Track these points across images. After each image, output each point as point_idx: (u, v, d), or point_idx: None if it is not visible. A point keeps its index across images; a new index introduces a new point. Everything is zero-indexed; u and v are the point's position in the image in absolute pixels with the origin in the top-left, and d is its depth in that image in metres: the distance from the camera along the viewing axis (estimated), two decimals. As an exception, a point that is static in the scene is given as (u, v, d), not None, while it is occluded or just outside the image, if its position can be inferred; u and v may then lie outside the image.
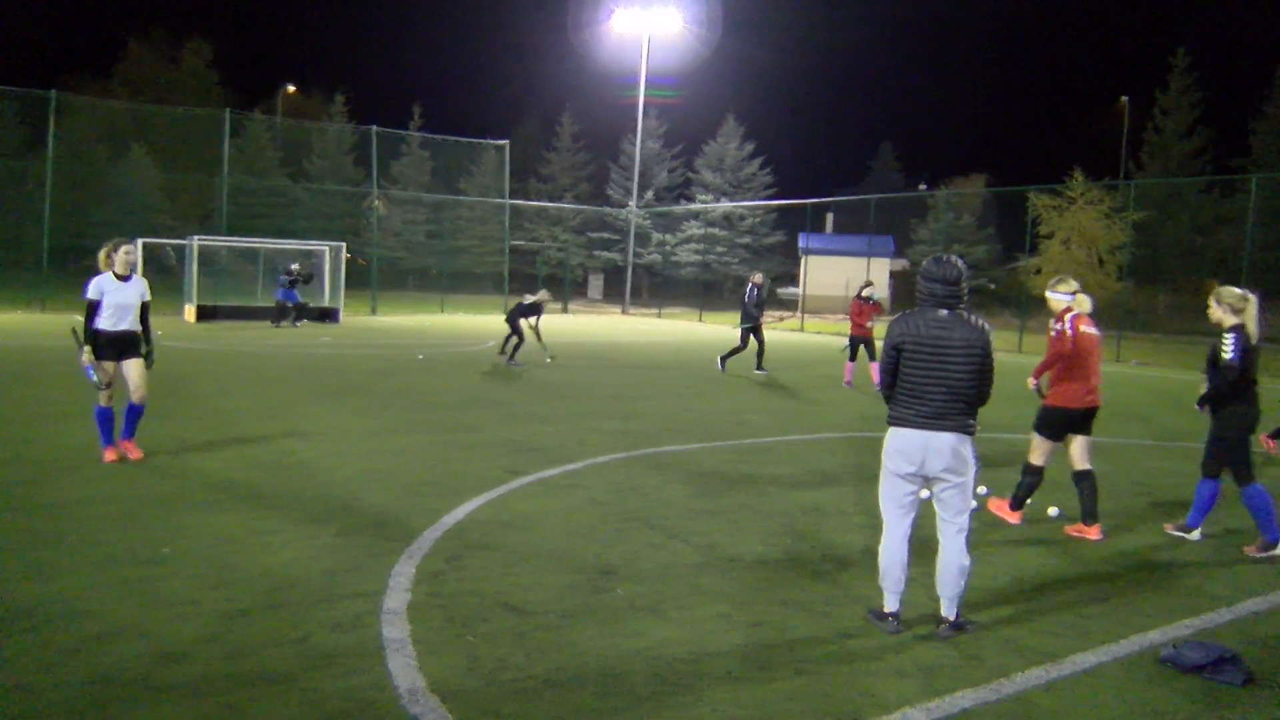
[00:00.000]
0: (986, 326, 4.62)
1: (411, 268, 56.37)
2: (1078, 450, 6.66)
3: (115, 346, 7.63)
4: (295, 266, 24.99)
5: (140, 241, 28.75)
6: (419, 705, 3.69)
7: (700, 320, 36.71)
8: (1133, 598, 5.29)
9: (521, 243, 47.94)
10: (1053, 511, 6.99)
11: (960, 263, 4.65)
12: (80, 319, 7.74)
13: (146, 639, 4.18)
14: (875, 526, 5.86)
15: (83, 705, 3.57)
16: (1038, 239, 35.27)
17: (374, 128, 35.71)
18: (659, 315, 39.96)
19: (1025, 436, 7.25)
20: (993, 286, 47.26)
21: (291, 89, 67.89)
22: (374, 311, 32.69)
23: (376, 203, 39.79)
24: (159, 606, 4.57)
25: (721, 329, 31.74)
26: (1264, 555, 6.15)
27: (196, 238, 27.48)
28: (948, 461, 4.54)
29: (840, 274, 43.03)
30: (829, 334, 30.52)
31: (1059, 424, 6.64)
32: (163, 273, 32.29)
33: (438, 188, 53.40)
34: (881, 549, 4.71)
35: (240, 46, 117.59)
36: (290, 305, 24.45)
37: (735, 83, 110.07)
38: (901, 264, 52.44)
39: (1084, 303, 6.72)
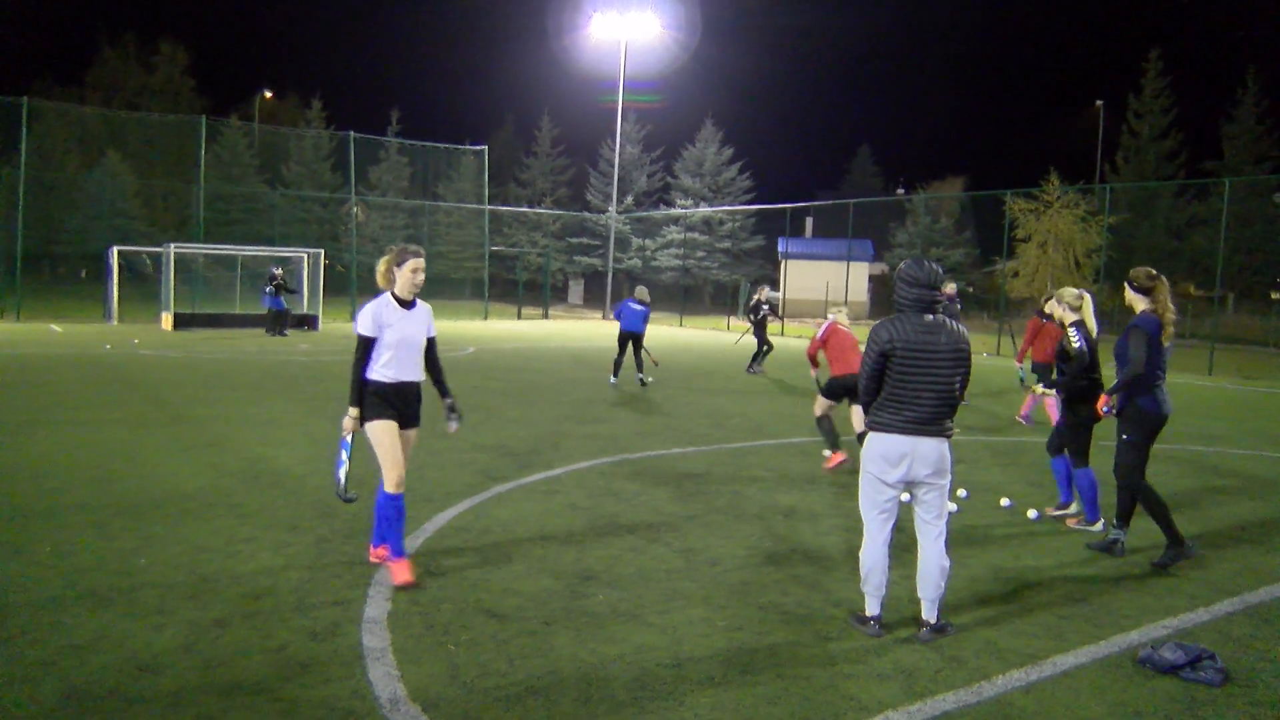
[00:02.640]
0: (965, 329, 4.64)
1: (390, 274, 56.08)
2: (856, 415, 8.84)
3: (395, 405, 5.18)
4: (278, 270, 24.80)
5: (116, 249, 28.61)
6: (400, 714, 3.65)
7: (680, 325, 36.72)
8: (1111, 599, 5.31)
9: (501, 248, 47.84)
10: (1004, 502, 7.38)
11: (936, 266, 4.67)
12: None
13: (120, 650, 4.12)
14: (854, 530, 5.87)
15: (56, 719, 3.52)
16: (1014, 242, 35.52)
17: (352, 133, 35.55)
18: (639, 320, 39.87)
19: (1000, 438, 7.28)
20: (971, 289, 47.54)
21: (268, 94, 67.56)
22: (353, 318, 32.52)
23: (355, 209, 39.61)
24: (132, 617, 4.51)
25: (701, 333, 31.77)
26: (1079, 526, 6.81)
27: (173, 245, 27.24)
28: (933, 466, 4.55)
29: (820, 278, 43.18)
30: (809, 338, 30.56)
31: (838, 390, 9.02)
32: (138, 280, 32.03)
33: (416, 193, 53.30)
34: (862, 553, 4.71)
35: (216, 51, 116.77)
36: (279, 313, 24.31)
37: (713, 87, 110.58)
38: (880, 268, 52.71)
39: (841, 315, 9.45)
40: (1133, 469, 6.07)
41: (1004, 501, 7.42)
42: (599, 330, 30.99)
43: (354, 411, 5.14)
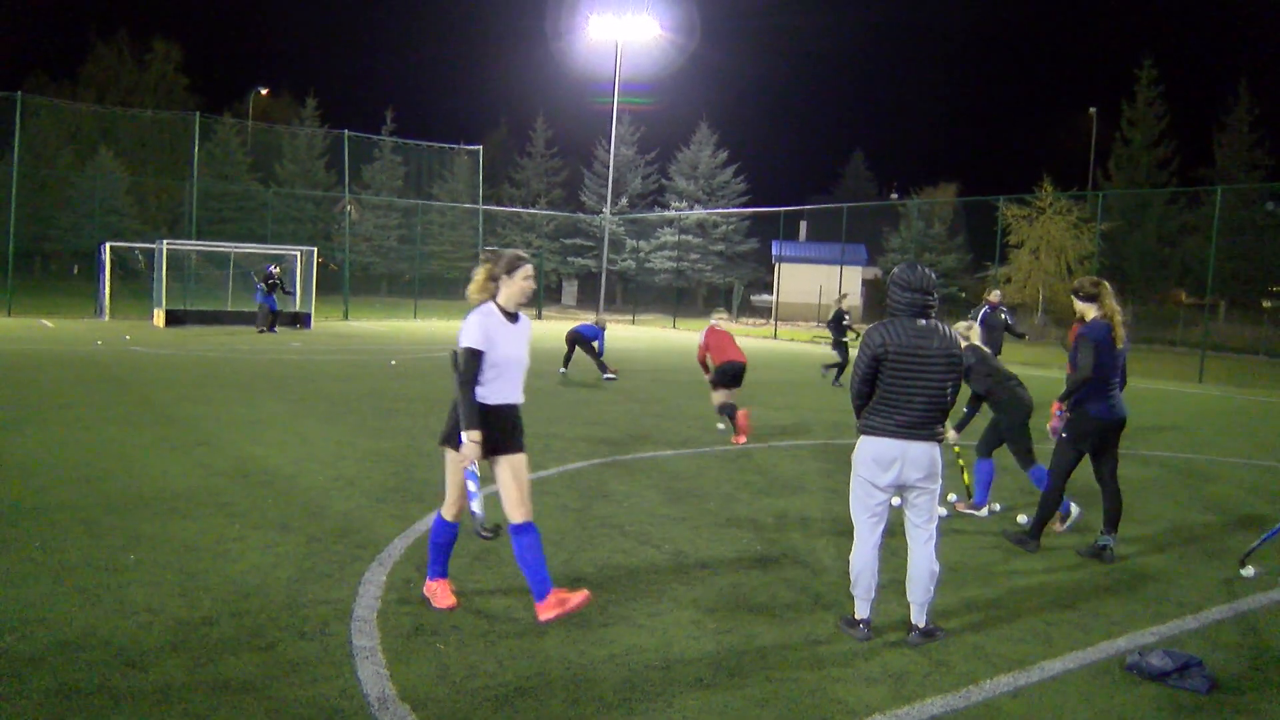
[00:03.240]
0: (957, 334, 4.66)
1: (384, 273, 56.10)
2: (716, 396, 10.37)
3: (494, 427, 4.62)
4: (275, 269, 24.73)
5: (108, 245, 28.51)
6: (389, 713, 3.65)
7: (674, 326, 36.74)
8: (1099, 605, 5.33)
9: (495, 248, 47.66)
10: (951, 498, 7.51)
11: (929, 271, 4.69)
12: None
13: (108, 647, 4.11)
14: (844, 534, 5.89)
15: (44, 715, 3.50)
16: (1007, 248, 35.62)
17: (346, 132, 35.49)
18: (633, 321, 39.98)
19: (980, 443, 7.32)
20: (963, 295, 47.67)
21: (263, 92, 67.42)
22: (346, 317, 32.46)
23: (349, 207, 39.55)
24: (120, 615, 4.49)
25: (694, 336, 31.77)
26: (967, 511, 7.34)
27: (165, 241, 27.16)
28: (925, 470, 4.57)
29: (813, 281, 43.25)
30: (802, 341, 30.65)
31: (724, 378, 10.25)
32: (130, 276, 31.94)
33: (410, 193, 53.21)
34: (853, 557, 4.72)
35: (210, 49, 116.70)
36: (271, 311, 24.25)
37: (709, 90, 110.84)
38: (874, 272, 52.83)
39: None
40: (1061, 470, 6.27)
41: (951, 497, 7.50)
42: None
43: (475, 435, 4.46)
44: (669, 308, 43.12)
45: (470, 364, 4.51)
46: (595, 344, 16.35)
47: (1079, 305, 6.24)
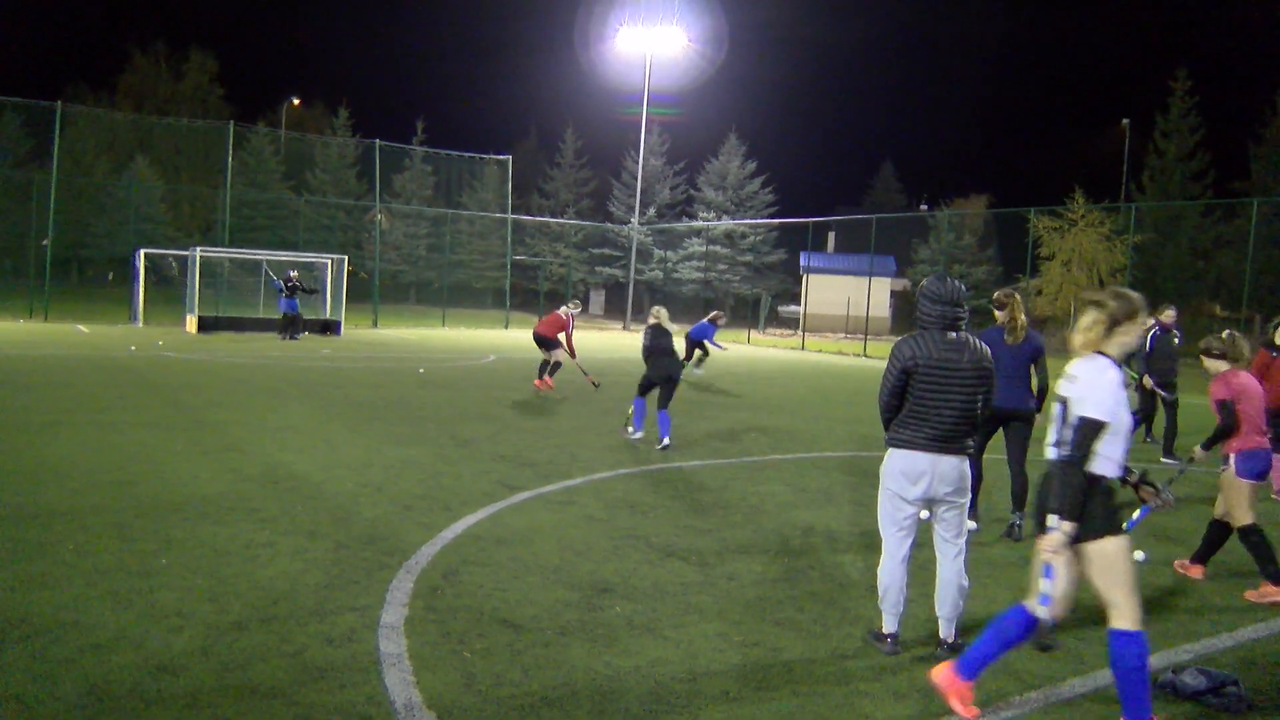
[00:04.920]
0: (987, 347, 4.63)
1: (412, 281, 56.49)
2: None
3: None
4: (294, 273, 24.93)
5: (143, 252, 28.92)
6: (412, 722, 3.66)
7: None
8: (1132, 621, 5.25)
9: (523, 258, 48.03)
10: (972, 526, 7.19)
11: (959, 283, 4.66)
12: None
13: (139, 651, 4.15)
14: (872, 547, 5.84)
15: (76, 717, 3.54)
16: (1038, 260, 35.31)
17: (377, 141, 35.82)
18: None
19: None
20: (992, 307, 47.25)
21: (295, 102, 68.19)
22: (375, 324, 32.71)
23: (379, 216, 39.88)
24: (151, 618, 4.54)
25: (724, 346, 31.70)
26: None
27: (198, 249, 27.51)
28: (954, 484, 4.53)
29: (842, 293, 43.08)
30: (830, 353, 30.51)
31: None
32: (164, 283, 32.36)
33: (439, 202, 53.55)
34: (880, 570, 4.69)
35: (244, 59, 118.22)
36: (293, 316, 24.41)
37: (737, 101, 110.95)
38: (903, 283, 52.53)
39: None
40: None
41: (971, 525, 7.35)
42: (619, 341, 31.02)
43: (1068, 527, 3.66)
44: (696, 318, 43.01)
45: (1089, 436, 3.65)
46: (705, 343, 19.06)
47: (997, 314, 7.23)
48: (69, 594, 4.82)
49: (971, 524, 5.13)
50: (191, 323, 25.59)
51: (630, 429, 10.67)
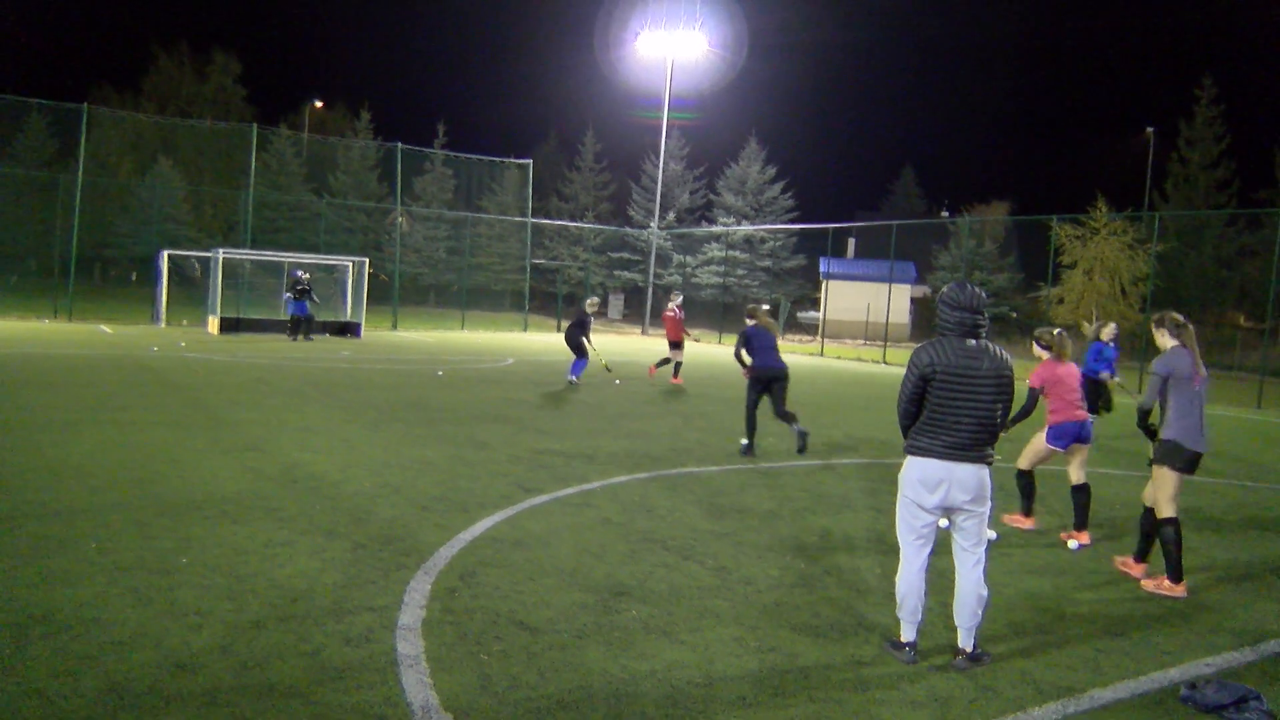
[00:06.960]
0: (1007, 355, 4.60)
1: (432, 284, 56.73)
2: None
3: None
4: (304, 275, 25.01)
5: (166, 253, 29.17)
6: (428, 723, 3.66)
7: (720, 342, 36.63)
8: (1151, 634, 5.21)
9: (542, 261, 48.14)
10: (991, 535, 7.07)
11: (979, 290, 4.64)
12: None
13: (158, 648, 4.18)
14: (889, 553, 5.82)
15: (96, 714, 3.57)
16: (1060, 268, 35.08)
17: (398, 144, 35.99)
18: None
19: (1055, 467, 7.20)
20: (1014, 315, 47.05)
21: (318, 104, 68.65)
22: (395, 326, 32.85)
23: (399, 219, 40.07)
24: (170, 616, 4.57)
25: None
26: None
27: (221, 250, 27.71)
28: (973, 492, 4.51)
29: (861, 299, 42.95)
30: (849, 359, 30.43)
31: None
32: (186, 284, 32.61)
33: (459, 205, 53.79)
34: (899, 578, 4.67)
35: (267, 62, 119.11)
36: (303, 318, 24.53)
37: (758, 106, 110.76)
38: (923, 290, 52.32)
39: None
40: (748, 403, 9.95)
41: (991, 535, 7.14)
42: (636, 345, 31.04)
43: None
44: (715, 323, 43.02)
45: None
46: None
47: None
48: (90, 591, 4.86)
49: (991, 533, 5.14)
50: (213, 324, 25.76)
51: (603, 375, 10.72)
